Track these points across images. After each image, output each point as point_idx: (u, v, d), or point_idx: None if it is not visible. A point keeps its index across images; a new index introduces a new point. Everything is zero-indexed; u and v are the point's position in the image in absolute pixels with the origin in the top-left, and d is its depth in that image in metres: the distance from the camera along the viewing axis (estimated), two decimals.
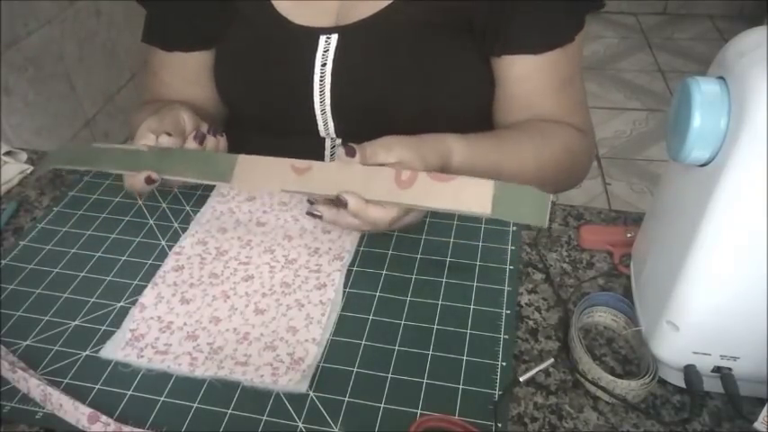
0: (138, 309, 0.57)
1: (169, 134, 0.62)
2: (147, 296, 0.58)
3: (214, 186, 0.70)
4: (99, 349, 0.54)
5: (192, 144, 0.64)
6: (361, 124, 0.73)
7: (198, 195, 0.70)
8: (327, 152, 0.76)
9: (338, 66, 0.70)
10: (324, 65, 0.71)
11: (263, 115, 0.77)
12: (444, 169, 0.61)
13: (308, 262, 0.61)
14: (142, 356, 0.52)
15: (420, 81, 0.70)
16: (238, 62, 0.76)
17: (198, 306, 0.57)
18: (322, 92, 0.71)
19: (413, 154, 0.58)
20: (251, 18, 0.74)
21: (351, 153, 0.57)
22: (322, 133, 0.75)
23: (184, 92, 0.80)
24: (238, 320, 0.55)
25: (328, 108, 0.72)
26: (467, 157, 0.64)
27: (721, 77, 0.43)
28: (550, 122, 0.72)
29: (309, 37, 0.71)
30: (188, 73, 0.80)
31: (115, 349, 0.53)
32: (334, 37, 0.71)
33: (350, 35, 0.70)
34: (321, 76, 0.71)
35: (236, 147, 0.85)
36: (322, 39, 0.71)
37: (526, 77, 0.71)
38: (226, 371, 0.51)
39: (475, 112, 0.73)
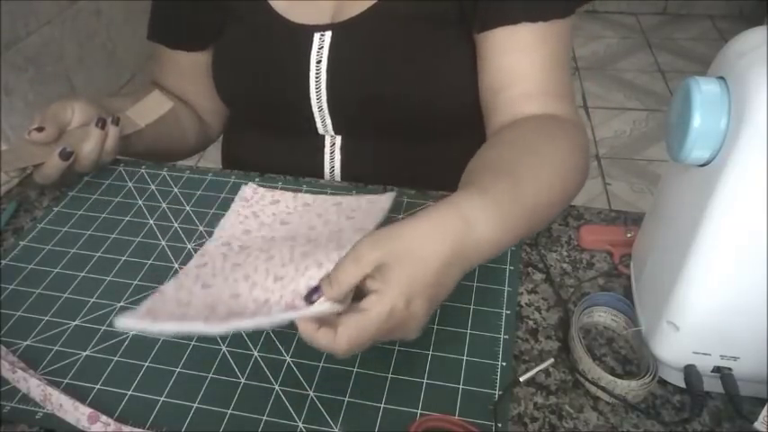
0: (158, 293, 0.53)
1: (40, 129, 0.64)
2: (170, 285, 0.54)
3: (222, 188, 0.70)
4: (99, 349, 0.54)
5: (94, 130, 0.67)
6: (357, 120, 0.74)
7: (198, 195, 0.70)
8: (327, 149, 0.76)
9: (333, 63, 0.71)
10: (319, 62, 0.71)
11: (262, 114, 0.77)
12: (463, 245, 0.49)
13: (329, 237, 0.60)
14: (156, 322, 0.48)
15: (414, 75, 0.70)
16: (236, 61, 0.77)
17: (219, 288, 0.53)
18: (318, 89, 0.72)
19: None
20: (248, 17, 0.75)
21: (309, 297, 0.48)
22: (320, 131, 0.75)
23: (177, 84, 0.84)
24: (258, 292, 0.52)
25: (325, 105, 0.72)
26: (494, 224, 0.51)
27: (721, 77, 0.43)
28: (549, 122, 0.67)
29: (304, 34, 0.72)
30: (180, 69, 0.83)
31: (130, 321, 0.49)
32: (328, 34, 0.71)
33: (343, 32, 0.71)
34: (317, 73, 0.71)
35: (237, 146, 0.86)
36: (316, 36, 0.71)
37: (508, 50, 0.67)
38: (240, 319, 0.46)
39: (471, 104, 0.73)
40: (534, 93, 0.67)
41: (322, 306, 0.45)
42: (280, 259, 0.55)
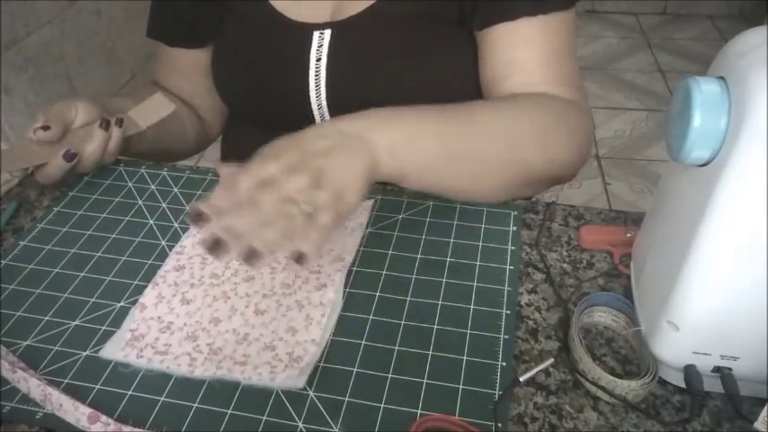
0: (138, 309, 0.57)
1: (45, 128, 0.64)
2: (148, 296, 0.58)
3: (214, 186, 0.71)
4: (99, 349, 0.54)
5: (98, 131, 0.68)
6: None
7: (198, 195, 0.70)
8: None
9: (332, 61, 0.71)
10: (318, 60, 0.71)
11: (262, 112, 0.78)
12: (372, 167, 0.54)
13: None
14: (141, 356, 0.52)
15: (413, 74, 0.70)
16: (235, 60, 0.77)
17: (198, 306, 0.57)
18: (318, 87, 0.72)
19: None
20: (247, 16, 0.75)
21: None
22: None
23: (176, 83, 0.84)
24: (238, 321, 0.55)
25: (324, 103, 0.72)
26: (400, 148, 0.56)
27: (721, 77, 0.43)
28: (542, 97, 0.67)
29: (303, 33, 0.72)
30: (180, 67, 0.83)
31: (115, 349, 0.53)
32: (328, 32, 0.71)
33: (343, 30, 0.71)
34: (316, 72, 0.71)
35: (236, 145, 0.86)
36: (316, 35, 0.71)
37: (510, 44, 0.67)
38: (224, 370, 0.51)
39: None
40: (536, 83, 0.67)
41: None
42: (260, 284, 0.58)
